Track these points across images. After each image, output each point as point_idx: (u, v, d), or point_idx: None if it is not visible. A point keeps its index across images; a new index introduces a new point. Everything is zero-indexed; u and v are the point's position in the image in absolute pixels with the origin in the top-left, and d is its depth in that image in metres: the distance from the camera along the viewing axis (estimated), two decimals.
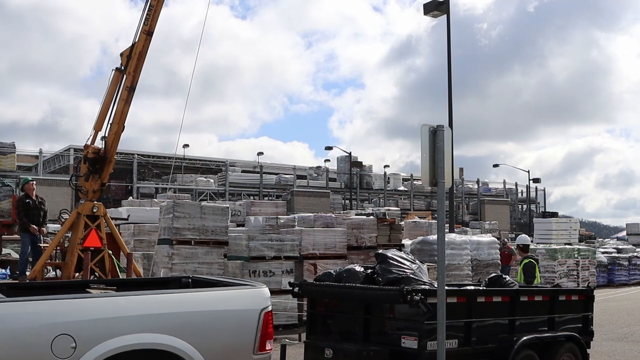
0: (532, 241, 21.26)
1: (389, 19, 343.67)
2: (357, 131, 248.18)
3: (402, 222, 28.41)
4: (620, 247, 44.31)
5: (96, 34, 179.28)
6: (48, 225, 16.89)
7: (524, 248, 14.89)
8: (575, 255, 32.49)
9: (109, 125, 15.26)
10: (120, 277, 14.61)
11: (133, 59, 15.19)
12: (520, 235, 16.51)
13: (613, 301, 26.16)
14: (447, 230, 26.08)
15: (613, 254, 38.68)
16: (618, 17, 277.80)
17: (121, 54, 15.49)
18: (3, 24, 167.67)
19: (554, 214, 58.19)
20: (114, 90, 15.31)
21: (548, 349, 10.21)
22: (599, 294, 13.48)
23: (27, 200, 15.55)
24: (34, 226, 15.35)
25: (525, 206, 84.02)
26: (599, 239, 62.35)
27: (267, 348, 7.28)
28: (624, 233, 68.66)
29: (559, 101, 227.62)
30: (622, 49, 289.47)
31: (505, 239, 33.78)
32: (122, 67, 15.36)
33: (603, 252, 38.36)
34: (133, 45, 15.29)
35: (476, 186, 78.85)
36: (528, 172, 75.57)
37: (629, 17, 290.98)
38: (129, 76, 15.21)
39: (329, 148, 64.58)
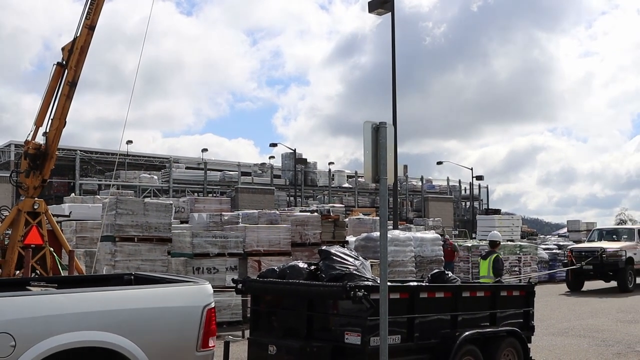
0: (474, 237, 21.55)
1: (335, 17, 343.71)
2: (302, 128, 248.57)
3: (347, 219, 28.55)
4: (561, 243, 44.93)
5: (38, 28, 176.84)
6: None
7: (490, 243, 16.28)
8: (518, 252, 33.02)
9: (50, 120, 15.08)
10: (62, 275, 14.44)
11: (75, 54, 15.02)
12: (491, 232, 17.29)
13: (554, 296, 26.56)
14: (391, 227, 26.27)
15: (554, 250, 39.23)
16: (559, 19, 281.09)
17: (63, 48, 15.30)
18: None
19: (497, 211, 58.95)
20: (55, 85, 15.12)
21: (490, 343, 10.32)
22: (539, 290, 13.67)
23: None
24: None
25: (468, 203, 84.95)
26: (541, 236, 63.09)
27: (210, 345, 7.25)
28: (565, 230, 69.73)
29: (501, 100, 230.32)
30: (564, 50, 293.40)
31: (448, 236, 34.09)
32: (64, 62, 15.19)
33: (544, 249, 38.92)
34: (75, 39, 15.12)
35: (420, 183, 79.62)
36: (471, 169, 76.75)
37: (570, 20, 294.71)
38: (70, 71, 15.05)
39: (273, 145, 64.96)
